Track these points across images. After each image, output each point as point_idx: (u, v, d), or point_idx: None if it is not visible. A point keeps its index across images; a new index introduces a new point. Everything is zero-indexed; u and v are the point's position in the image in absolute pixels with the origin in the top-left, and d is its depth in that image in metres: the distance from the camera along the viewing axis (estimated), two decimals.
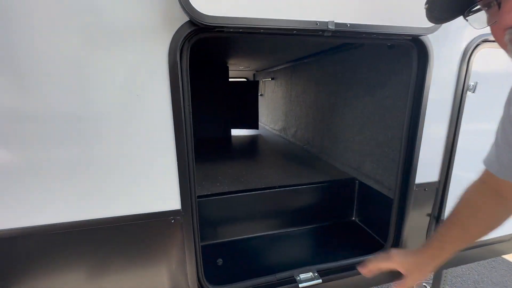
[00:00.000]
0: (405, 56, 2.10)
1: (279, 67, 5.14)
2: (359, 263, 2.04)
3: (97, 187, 1.33)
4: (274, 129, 5.73)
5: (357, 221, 2.69)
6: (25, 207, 1.27)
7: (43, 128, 1.21)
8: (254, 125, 5.80)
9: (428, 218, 2.06)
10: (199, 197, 2.27)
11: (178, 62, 1.30)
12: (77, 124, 1.23)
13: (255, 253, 2.23)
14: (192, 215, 1.52)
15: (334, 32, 1.39)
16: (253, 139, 4.96)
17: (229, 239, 2.37)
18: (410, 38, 1.60)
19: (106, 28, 1.18)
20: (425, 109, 1.76)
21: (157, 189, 1.42)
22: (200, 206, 2.31)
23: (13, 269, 1.35)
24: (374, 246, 2.27)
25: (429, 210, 2.04)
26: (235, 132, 5.82)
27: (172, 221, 1.48)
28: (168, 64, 1.28)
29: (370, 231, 2.51)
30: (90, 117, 1.25)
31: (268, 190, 2.45)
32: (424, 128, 1.79)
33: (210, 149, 4.14)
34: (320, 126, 3.58)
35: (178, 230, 1.51)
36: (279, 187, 2.50)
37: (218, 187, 2.53)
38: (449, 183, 1.98)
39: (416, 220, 2.02)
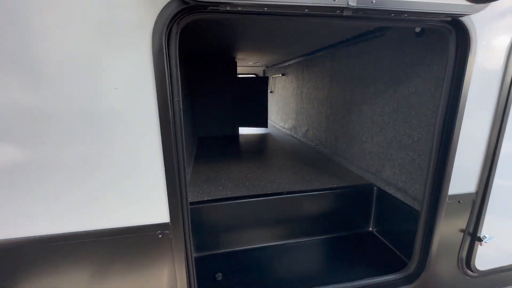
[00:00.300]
0: (438, 43, 1.79)
1: (290, 62, 4.85)
2: (379, 285, 1.76)
3: (72, 197, 1.14)
4: (284, 128, 5.47)
5: (375, 232, 2.40)
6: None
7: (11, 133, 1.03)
8: (263, 123, 5.56)
9: (461, 235, 1.76)
10: (197, 202, 2.07)
11: (165, 49, 1.08)
12: (45, 126, 1.04)
13: (259, 266, 2.00)
14: (183, 229, 1.31)
15: (355, 10, 1.13)
16: (261, 138, 4.72)
17: (231, 249, 2.15)
18: (449, 19, 1.31)
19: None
20: (464, 106, 1.46)
21: (141, 199, 1.21)
22: (199, 213, 2.13)
23: None
24: (395, 263, 1.99)
25: (463, 225, 1.74)
26: (243, 130, 5.60)
27: (160, 236, 1.27)
28: (152, 51, 1.07)
29: (390, 245, 2.22)
30: (59, 114, 1.05)
31: (275, 197, 2.20)
32: (461, 129, 1.49)
33: (215, 149, 3.93)
34: (333, 125, 3.29)
35: (166, 246, 1.30)
36: (287, 193, 2.25)
37: (220, 191, 2.31)
38: (489, 194, 1.68)
39: (447, 236, 1.73)
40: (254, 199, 2.16)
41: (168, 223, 1.27)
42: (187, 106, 3.69)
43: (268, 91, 6.83)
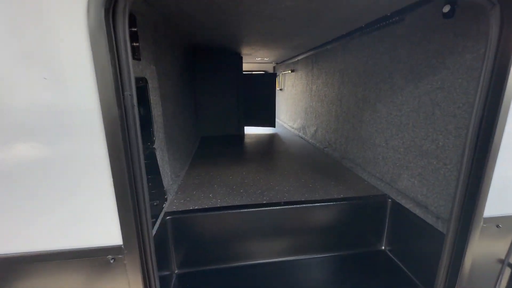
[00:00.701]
0: (473, 25, 1.43)
1: (299, 57, 4.52)
2: None
3: (12, 215, 0.94)
4: (293, 128, 5.15)
5: (388, 251, 2.06)
6: None
7: None
8: (271, 123, 5.26)
9: (499, 266, 1.41)
10: (181, 212, 1.83)
11: (107, 27, 0.84)
12: None
13: (252, 287, 1.74)
14: (142, 252, 1.07)
15: None
16: (267, 139, 4.43)
17: (220, 266, 1.90)
18: None
19: None
20: (508, 105, 1.11)
21: (85, 217, 0.98)
22: (182, 224, 1.83)
23: None
24: None
25: (501, 254, 1.39)
26: (249, 130, 5.34)
27: (112, 261, 1.04)
28: (88, 30, 0.82)
29: (405, 268, 1.87)
30: None
31: (270, 208, 1.92)
32: (504, 134, 1.15)
33: (216, 149, 3.69)
34: (344, 126, 2.95)
35: (120, 274, 1.06)
36: (285, 203, 1.96)
37: (210, 199, 2.06)
38: None
39: (480, 266, 1.39)
40: (245, 210, 1.88)
41: (121, 246, 1.03)
42: (188, 103, 3.48)
43: (278, 88, 6.53)
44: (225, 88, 4.61)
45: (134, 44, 1.47)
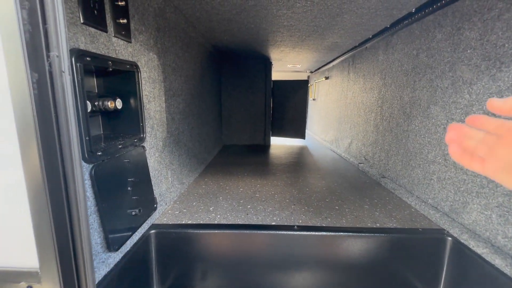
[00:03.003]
0: None
1: (334, 62, 4.08)
2: None
3: None
4: (325, 140, 4.62)
5: None
6: None
7: None
8: (301, 134, 4.81)
9: None
10: (169, 226, 1.49)
11: None
12: None
13: None
14: (65, 281, 0.75)
15: None
16: (295, 151, 3.99)
17: None
18: None
19: None
20: None
21: None
22: (168, 240, 1.48)
23: None
24: None
25: None
26: (277, 140, 4.96)
27: None
28: None
29: None
30: None
31: (280, 232, 1.50)
32: None
33: (235, 159, 3.38)
34: (384, 137, 2.40)
35: None
36: (299, 228, 1.52)
37: (209, 213, 1.71)
38: None
39: None
40: (246, 231, 1.49)
41: (37, 271, 0.72)
42: (210, 107, 3.27)
43: (310, 98, 6.09)
44: (252, 95, 4.36)
45: (121, 20, 1.25)
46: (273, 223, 1.58)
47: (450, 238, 1.45)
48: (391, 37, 2.31)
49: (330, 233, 1.49)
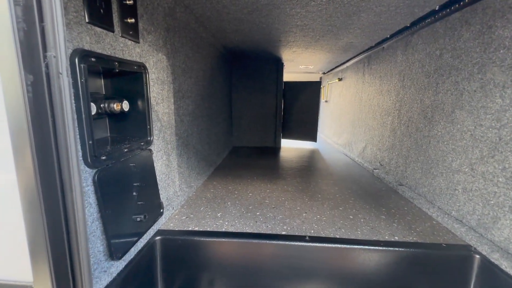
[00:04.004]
0: None
1: (348, 63, 3.96)
2: None
3: None
4: (337, 143, 4.49)
5: None
6: None
7: None
8: (312, 137, 4.70)
9: None
10: (176, 232, 1.44)
11: None
12: None
13: None
14: None
15: None
16: (306, 154, 3.89)
17: None
18: None
19: None
20: None
21: None
22: (173, 247, 1.43)
23: None
24: None
25: None
26: (287, 143, 4.86)
27: None
28: None
29: None
30: None
31: (290, 242, 1.41)
32: None
33: (244, 161, 3.31)
34: (402, 142, 2.27)
35: None
36: (311, 239, 1.43)
37: (216, 219, 1.65)
38: None
39: None
40: (254, 240, 1.41)
41: (31, 285, 0.68)
42: (219, 108, 3.22)
43: (322, 100, 5.95)
44: (263, 97, 4.29)
45: (129, 20, 1.21)
46: (283, 233, 1.50)
47: (478, 256, 1.32)
48: (411, 36, 2.19)
49: (344, 245, 1.39)
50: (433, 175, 1.82)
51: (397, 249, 1.37)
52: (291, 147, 4.45)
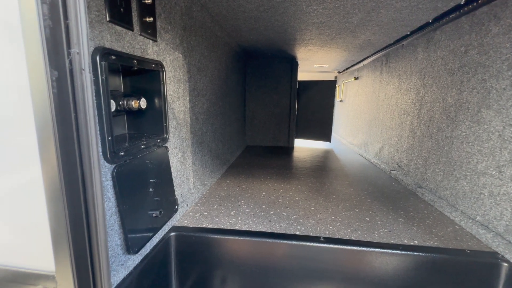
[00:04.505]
0: None
1: (365, 62, 3.86)
2: None
3: None
4: (352, 144, 4.39)
5: None
6: None
7: None
8: (326, 137, 4.62)
9: None
10: (190, 229, 1.45)
11: None
12: None
13: None
14: (78, 285, 0.72)
15: None
16: (320, 154, 3.83)
17: None
18: None
19: None
20: None
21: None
22: (187, 243, 1.44)
23: None
24: None
25: None
26: (300, 142, 4.81)
27: None
28: None
29: None
30: None
31: (304, 243, 1.39)
32: None
33: (257, 160, 3.31)
34: (422, 143, 2.18)
35: None
36: (326, 240, 1.40)
37: (229, 217, 1.65)
38: None
39: None
40: (268, 239, 1.40)
41: (53, 274, 0.70)
42: (233, 107, 3.24)
43: (337, 99, 5.84)
44: (277, 96, 4.27)
45: (147, 19, 1.23)
46: (297, 233, 1.48)
47: (506, 264, 1.24)
48: (434, 32, 2.10)
49: (361, 248, 1.35)
50: (456, 178, 1.74)
51: (416, 253, 1.31)
52: (304, 147, 4.40)
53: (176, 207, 1.56)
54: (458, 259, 1.30)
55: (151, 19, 1.25)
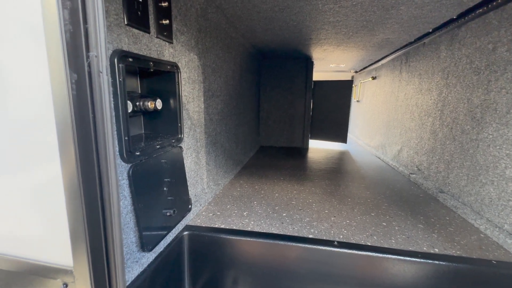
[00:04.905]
0: None
1: (383, 61, 3.73)
2: None
3: None
4: (369, 145, 4.27)
5: None
6: None
7: None
8: (342, 138, 4.52)
9: None
10: (203, 229, 1.46)
11: None
12: None
13: None
14: (94, 280, 0.74)
15: None
16: (335, 155, 3.76)
17: None
18: None
19: None
20: None
21: (15, 219, 0.73)
22: (200, 242, 1.45)
23: None
24: None
25: None
26: (315, 143, 4.74)
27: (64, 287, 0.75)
28: None
29: None
30: None
31: (317, 246, 1.36)
32: None
33: (271, 161, 3.29)
34: (444, 146, 2.08)
35: None
36: (340, 244, 1.36)
37: (242, 218, 1.66)
38: None
39: None
40: (280, 242, 1.39)
41: (71, 269, 0.73)
42: (248, 108, 3.24)
43: (354, 100, 5.70)
44: (291, 96, 4.23)
45: (163, 21, 1.25)
46: (310, 236, 1.45)
47: None
48: (458, 29, 1.99)
49: (377, 254, 1.31)
50: (482, 183, 1.64)
51: (437, 262, 1.25)
52: (319, 148, 4.33)
53: (190, 206, 1.58)
54: (482, 270, 1.22)
55: (167, 21, 1.27)
